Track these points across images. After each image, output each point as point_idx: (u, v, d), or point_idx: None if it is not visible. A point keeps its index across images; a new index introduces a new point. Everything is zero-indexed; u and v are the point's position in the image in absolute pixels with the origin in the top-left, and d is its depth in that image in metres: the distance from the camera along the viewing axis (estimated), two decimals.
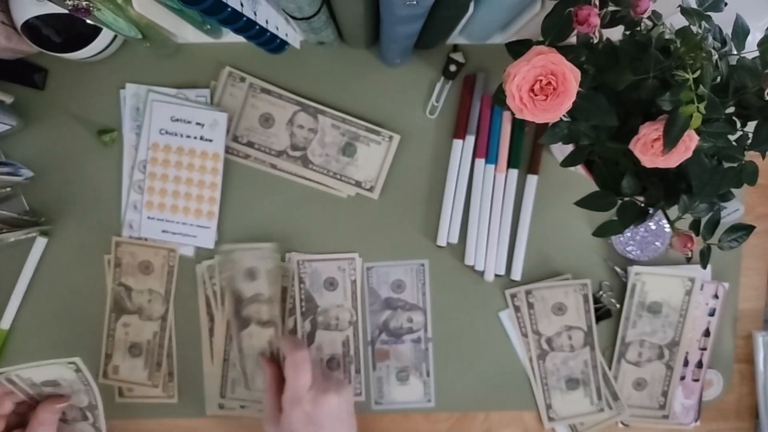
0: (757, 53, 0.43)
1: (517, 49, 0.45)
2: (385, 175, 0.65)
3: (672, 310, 0.66)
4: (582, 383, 0.66)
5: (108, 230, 0.65)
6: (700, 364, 0.68)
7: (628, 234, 0.66)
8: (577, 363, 0.66)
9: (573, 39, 0.43)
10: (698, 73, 0.38)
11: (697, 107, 0.39)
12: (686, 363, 0.68)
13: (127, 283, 0.65)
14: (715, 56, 0.40)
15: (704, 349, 0.68)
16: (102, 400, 0.59)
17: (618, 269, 0.67)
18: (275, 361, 0.60)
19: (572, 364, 0.66)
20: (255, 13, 0.49)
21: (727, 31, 0.44)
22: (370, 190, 0.65)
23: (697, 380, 0.68)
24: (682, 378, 0.68)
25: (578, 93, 0.41)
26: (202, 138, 0.63)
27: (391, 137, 0.65)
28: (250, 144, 0.64)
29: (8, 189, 0.64)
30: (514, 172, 0.65)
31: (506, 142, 0.64)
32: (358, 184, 0.65)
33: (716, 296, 0.67)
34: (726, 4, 0.43)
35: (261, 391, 0.65)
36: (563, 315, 0.66)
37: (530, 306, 0.66)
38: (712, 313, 0.67)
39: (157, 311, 0.66)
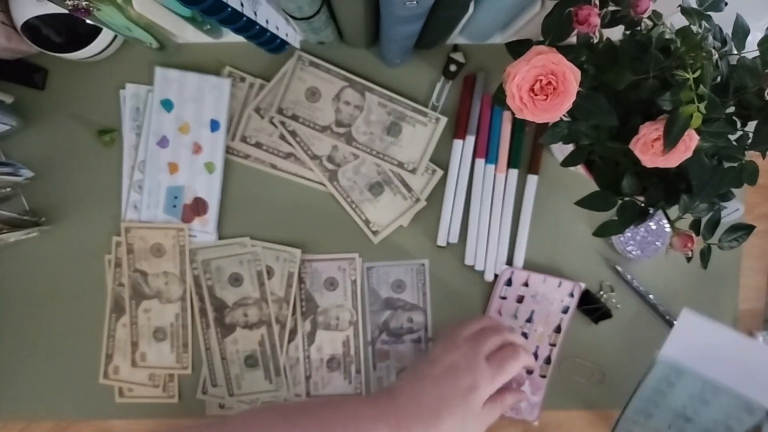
0: (757, 53, 0.43)
1: (517, 48, 0.45)
2: (428, 157, 0.65)
3: None
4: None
5: (108, 230, 0.65)
6: (548, 360, 0.67)
7: (628, 234, 0.66)
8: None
9: (573, 39, 0.43)
10: (698, 72, 0.38)
11: (698, 107, 0.39)
12: (535, 357, 0.67)
13: (142, 269, 0.65)
14: (715, 56, 0.40)
15: (554, 345, 0.67)
16: None
17: (619, 269, 0.67)
18: None
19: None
20: (255, 13, 0.49)
21: (728, 30, 0.44)
22: (413, 171, 0.65)
23: (544, 376, 0.67)
24: (530, 372, 0.67)
25: (578, 93, 0.41)
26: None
27: (438, 119, 0.64)
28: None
29: (8, 189, 0.64)
30: (514, 172, 0.65)
31: (506, 142, 0.64)
32: (400, 164, 0.65)
33: (572, 295, 0.66)
34: (726, 4, 0.43)
35: (246, 394, 0.66)
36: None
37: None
38: (565, 311, 0.67)
39: (175, 293, 0.65)
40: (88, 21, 0.52)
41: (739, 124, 0.45)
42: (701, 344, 0.39)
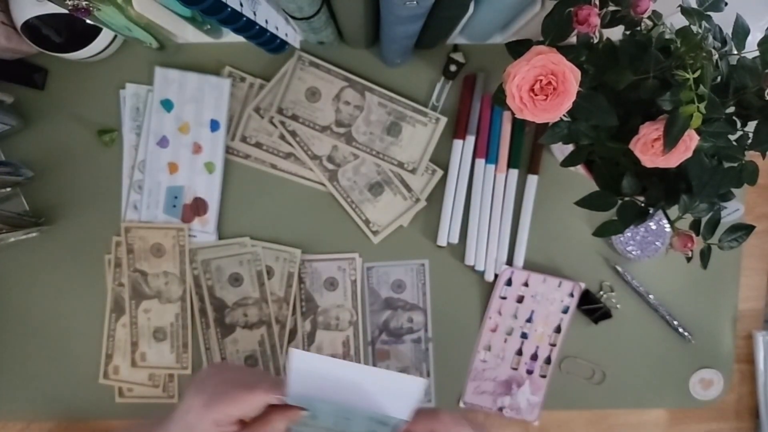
0: (757, 53, 0.43)
1: (517, 49, 0.45)
2: (428, 157, 0.65)
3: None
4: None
5: (108, 230, 0.65)
6: (548, 360, 0.67)
7: (628, 234, 0.66)
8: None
9: (573, 39, 0.43)
10: (698, 72, 0.38)
11: (698, 107, 0.39)
12: (535, 357, 0.67)
13: (142, 269, 0.65)
14: (716, 56, 0.40)
15: (554, 345, 0.67)
16: None
17: (619, 269, 0.67)
18: None
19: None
20: (255, 13, 0.49)
21: (728, 30, 0.44)
22: (413, 171, 0.65)
23: (544, 376, 0.67)
24: (530, 372, 0.67)
25: (578, 93, 0.40)
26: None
27: (438, 119, 0.64)
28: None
29: (8, 189, 0.64)
30: (514, 172, 0.65)
31: (506, 142, 0.64)
32: (400, 164, 0.65)
33: (572, 295, 0.66)
34: (726, 4, 0.43)
35: None
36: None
37: None
38: (565, 311, 0.67)
39: (175, 293, 0.65)
40: (88, 21, 0.52)
41: (739, 124, 0.45)
42: (318, 376, 0.40)
